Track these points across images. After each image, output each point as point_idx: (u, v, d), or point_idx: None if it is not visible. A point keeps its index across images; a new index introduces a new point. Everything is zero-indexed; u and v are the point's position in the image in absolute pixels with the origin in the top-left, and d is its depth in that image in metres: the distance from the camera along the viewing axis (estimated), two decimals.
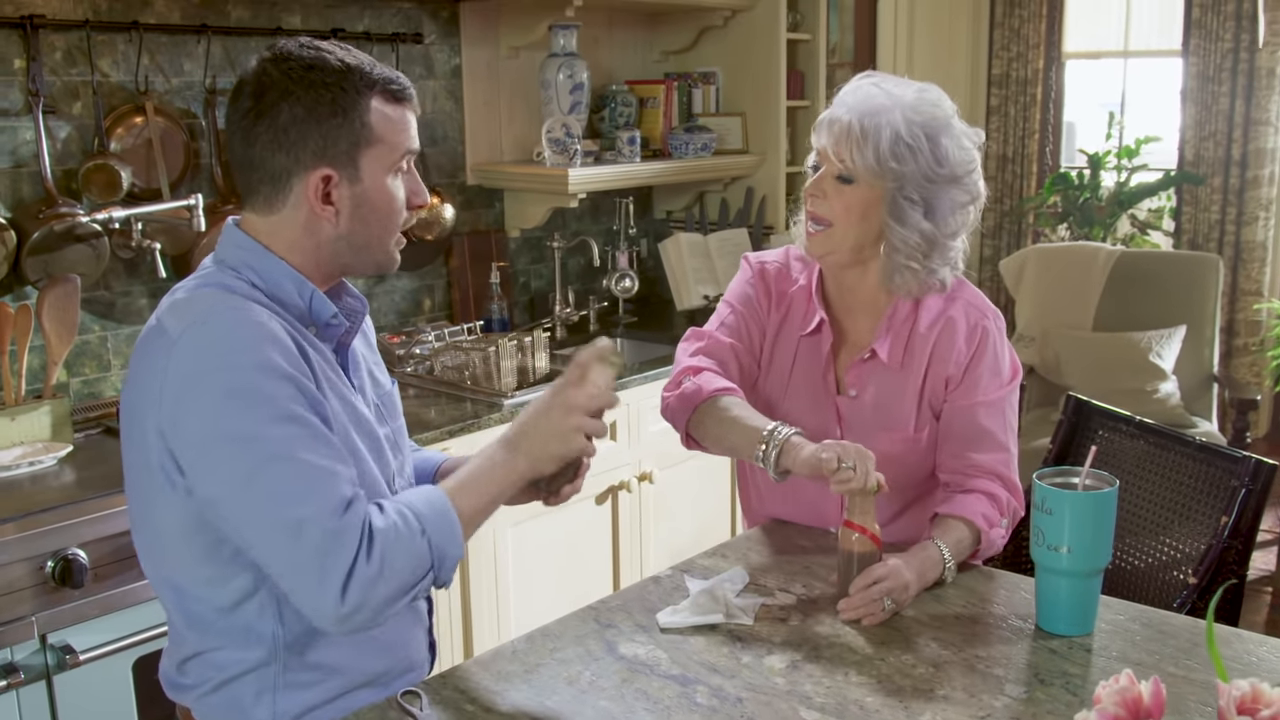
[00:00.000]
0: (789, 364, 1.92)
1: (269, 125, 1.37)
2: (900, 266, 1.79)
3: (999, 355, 1.86)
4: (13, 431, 2.43)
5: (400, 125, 1.42)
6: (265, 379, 1.29)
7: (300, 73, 1.37)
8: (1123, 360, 4.01)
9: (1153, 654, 1.48)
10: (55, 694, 2.11)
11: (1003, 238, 5.33)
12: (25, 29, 2.52)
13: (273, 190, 1.40)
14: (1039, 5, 5.13)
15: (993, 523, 1.77)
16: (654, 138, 3.82)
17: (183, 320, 1.32)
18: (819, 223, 1.80)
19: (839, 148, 1.75)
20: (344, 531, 1.28)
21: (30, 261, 2.52)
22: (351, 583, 1.27)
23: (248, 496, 1.28)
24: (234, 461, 1.28)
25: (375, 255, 1.46)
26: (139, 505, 1.42)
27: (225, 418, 1.28)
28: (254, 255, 1.41)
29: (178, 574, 1.40)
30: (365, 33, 3.14)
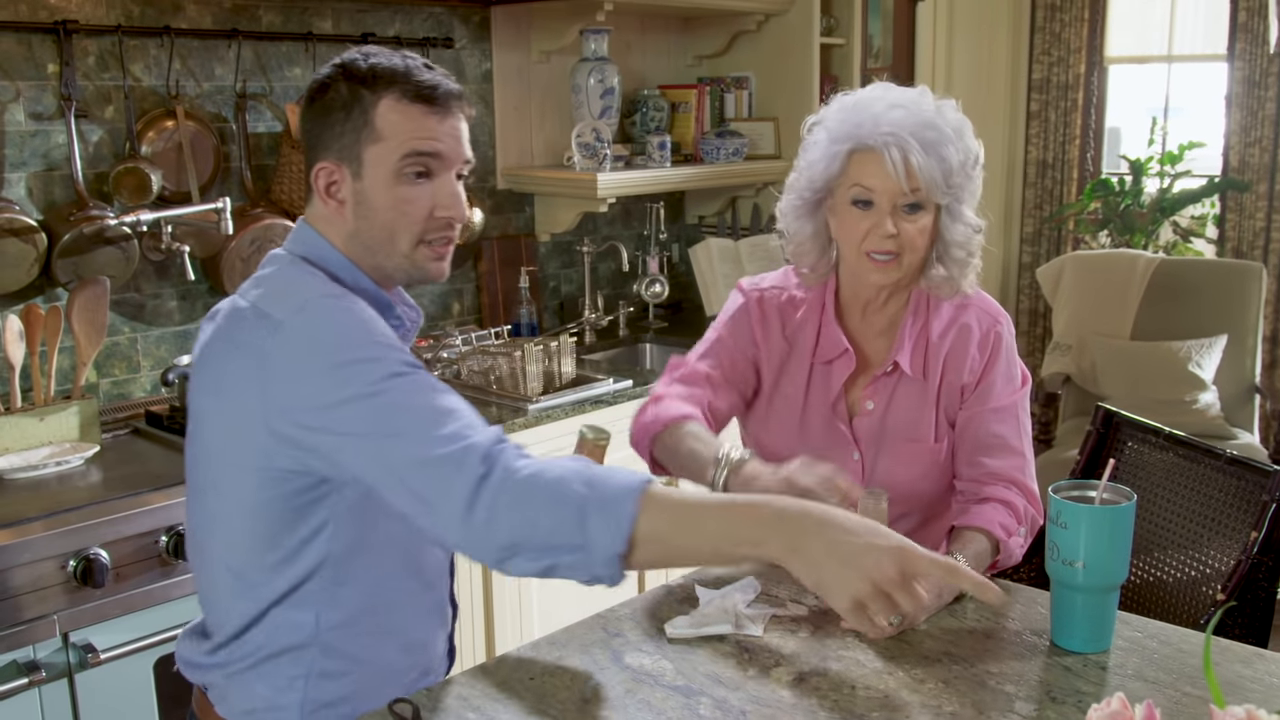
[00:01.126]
0: (801, 394, 1.88)
1: (306, 119, 1.45)
2: (962, 264, 1.79)
3: (1011, 360, 1.85)
4: (41, 431, 2.46)
5: (412, 125, 1.40)
6: (374, 347, 1.31)
7: (331, 71, 1.42)
8: (1161, 370, 3.94)
9: (1170, 672, 1.45)
10: (77, 692, 2.14)
11: (1041, 244, 5.25)
12: (59, 34, 2.55)
13: (307, 182, 1.46)
14: (1081, 9, 5.06)
15: (1010, 532, 1.75)
16: (685, 143, 3.81)
17: (286, 305, 1.34)
18: (886, 254, 1.74)
19: (910, 176, 1.69)
20: (474, 444, 1.24)
21: (61, 263, 2.55)
22: (484, 487, 1.22)
23: (375, 442, 1.27)
24: (356, 417, 1.27)
25: (394, 260, 1.44)
26: (205, 489, 1.42)
27: (342, 383, 1.28)
28: (321, 248, 1.45)
29: (237, 559, 1.41)
30: (396, 37, 3.16)
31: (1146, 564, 2.23)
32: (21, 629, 2.06)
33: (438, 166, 1.42)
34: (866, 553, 1.20)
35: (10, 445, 2.42)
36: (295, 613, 1.40)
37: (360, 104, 1.39)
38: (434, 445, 1.25)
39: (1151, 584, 2.21)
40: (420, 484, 1.25)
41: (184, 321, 2.86)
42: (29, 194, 2.58)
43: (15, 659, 2.06)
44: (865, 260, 1.76)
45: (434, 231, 1.44)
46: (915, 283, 1.84)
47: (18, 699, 2.06)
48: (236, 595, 1.42)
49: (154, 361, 2.82)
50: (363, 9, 3.09)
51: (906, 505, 1.86)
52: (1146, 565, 2.23)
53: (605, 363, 3.54)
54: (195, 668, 1.48)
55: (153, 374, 2.82)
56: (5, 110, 2.53)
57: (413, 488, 1.26)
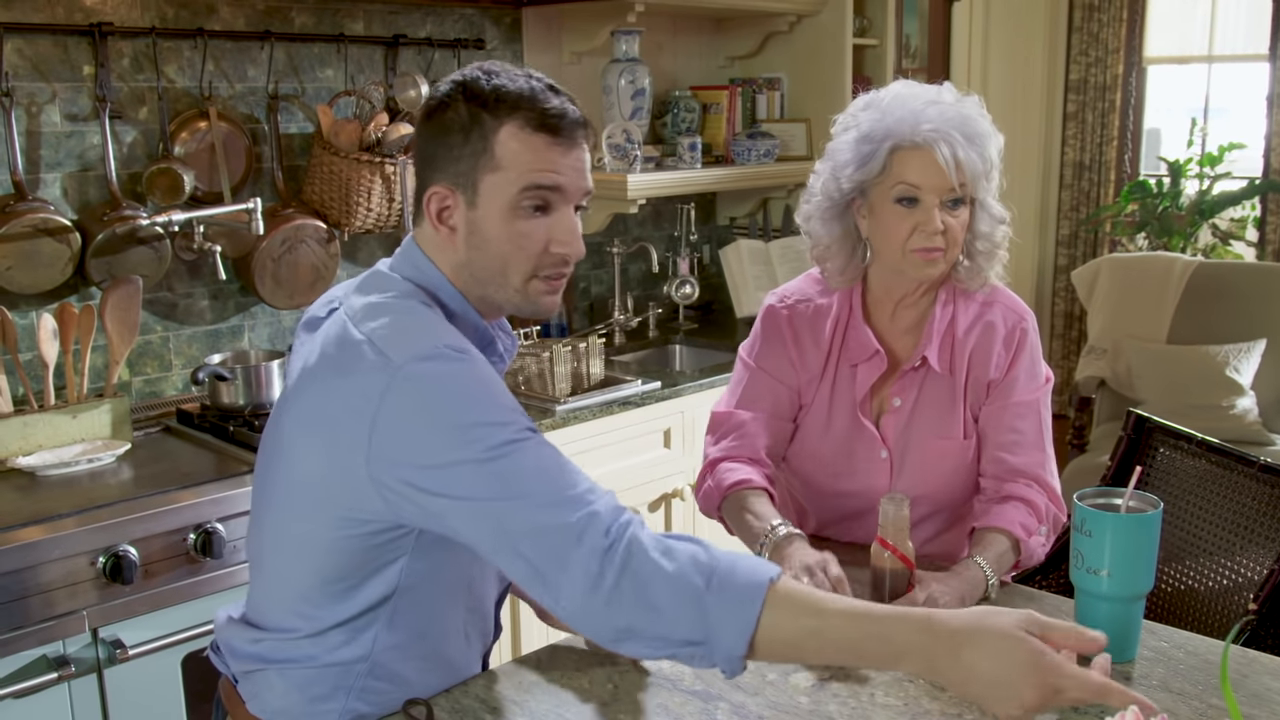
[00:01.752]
0: (828, 396, 1.87)
1: (422, 137, 1.38)
2: (991, 256, 1.79)
3: (1035, 357, 1.84)
4: (74, 429, 2.49)
5: (534, 156, 1.32)
6: (498, 410, 1.25)
7: (452, 89, 1.35)
8: (1198, 374, 3.89)
9: (1196, 684, 1.43)
10: (106, 687, 2.16)
11: (1078, 247, 5.20)
12: (94, 36, 2.58)
13: (416, 202, 1.40)
14: (1119, 9, 5.01)
15: (1031, 531, 1.73)
16: (717, 144, 3.80)
17: (408, 350, 1.26)
18: (935, 252, 1.73)
19: (960, 171, 1.69)
20: (598, 517, 1.20)
21: (94, 263, 2.58)
22: (609, 564, 1.18)
23: (499, 500, 1.22)
24: (471, 482, 1.22)
25: (506, 292, 1.37)
26: (283, 508, 1.37)
27: (461, 445, 1.22)
28: (429, 273, 1.38)
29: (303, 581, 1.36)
30: (428, 39, 3.17)
31: (1178, 572, 2.20)
32: (52, 624, 2.08)
33: (557, 200, 1.34)
34: (1005, 686, 1.15)
35: (43, 442, 2.45)
36: (353, 634, 1.37)
37: (480, 129, 1.32)
38: (555, 513, 1.20)
39: (1183, 593, 2.18)
40: (538, 554, 1.20)
41: (215, 321, 2.89)
42: (64, 194, 2.62)
43: (45, 654, 2.08)
44: (911, 258, 1.74)
45: (548, 267, 1.36)
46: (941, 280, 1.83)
47: (48, 693, 2.08)
48: (293, 612, 1.38)
49: (185, 360, 2.85)
50: (395, 10, 3.10)
51: (935, 504, 1.86)
52: (1178, 574, 2.20)
53: (635, 364, 3.53)
54: (235, 655, 1.44)
55: (184, 373, 2.84)
56: (41, 111, 2.56)
57: (530, 558, 1.20)
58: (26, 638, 2.05)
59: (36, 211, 2.50)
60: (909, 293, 1.83)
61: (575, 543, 1.19)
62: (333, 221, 2.94)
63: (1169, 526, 2.22)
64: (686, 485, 3.14)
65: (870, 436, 1.84)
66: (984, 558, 1.68)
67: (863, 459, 1.85)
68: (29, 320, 2.56)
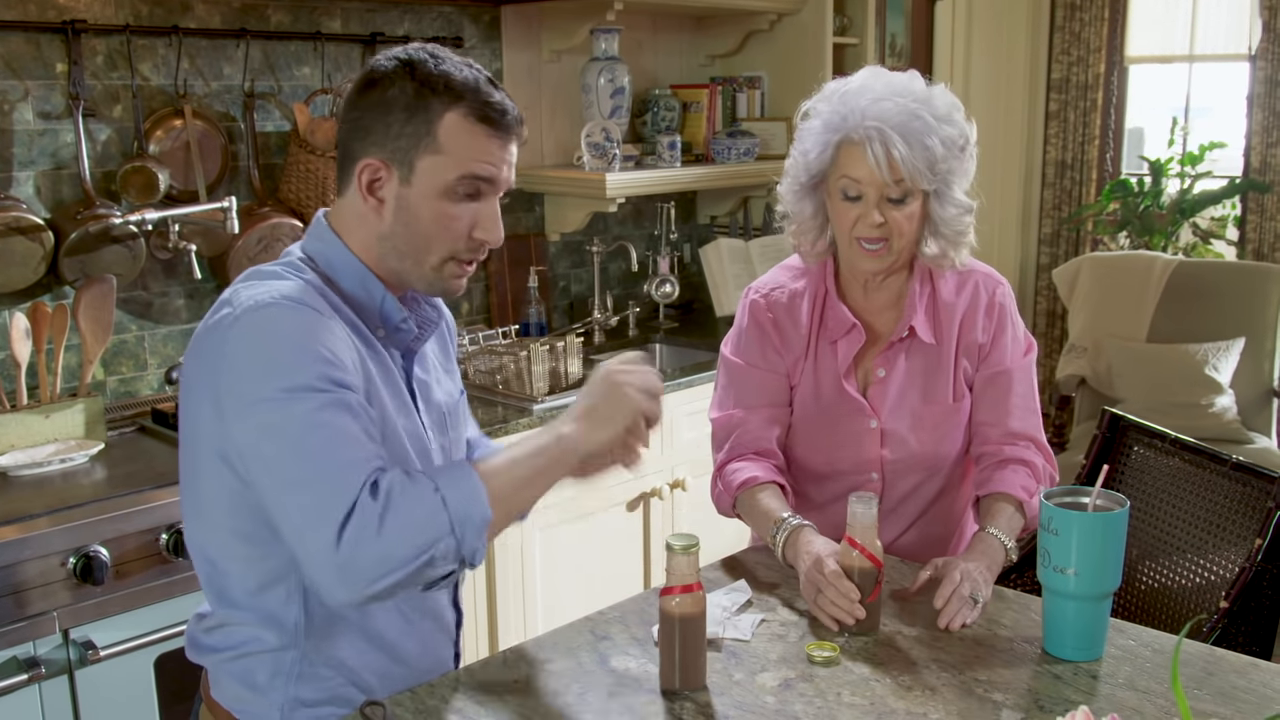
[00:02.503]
0: (813, 373, 1.90)
1: (356, 108, 1.40)
2: (955, 243, 1.81)
3: (1016, 323, 1.90)
4: (47, 428, 2.47)
5: (474, 147, 1.37)
6: (312, 358, 1.29)
7: (395, 66, 1.38)
8: (1177, 373, 3.90)
9: (1162, 682, 1.43)
10: (77, 689, 2.14)
11: (1060, 246, 5.21)
12: (67, 33, 2.56)
13: (342, 170, 1.43)
14: (1101, 9, 5.01)
15: (1032, 492, 1.78)
16: (697, 142, 3.79)
17: (250, 299, 1.33)
18: (875, 242, 1.76)
19: (893, 169, 1.70)
20: (349, 473, 1.25)
21: (68, 262, 2.56)
22: (350, 523, 1.23)
23: (267, 454, 1.27)
24: (259, 420, 1.27)
25: (421, 270, 1.42)
26: (189, 475, 1.42)
27: (262, 380, 1.28)
28: (331, 248, 1.43)
29: (213, 548, 1.42)
30: (405, 36, 3.15)
31: (1151, 570, 2.21)
32: (22, 625, 2.06)
33: (487, 190, 1.40)
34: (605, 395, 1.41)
35: (16, 442, 2.43)
36: (274, 612, 1.40)
37: (426, 111, 1.35)
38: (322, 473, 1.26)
39: (1156, 590, 2.19)
40: (295, 510, 1.26)
41: (190, 320, 2.87)
42: (37, 192, 2.60)
43: (15, 655, 2.07)
44: (856, 247, 1.78)
45: (467, 251, 1.42)
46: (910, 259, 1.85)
47: (18, 695, 2.07)
48: (210, 583, 1.43)
49: (160, 359, 2.83)
50: (372, 9, 3.09)
51: (929, 469, 1.88)
52: (1151, 571, 2.21)
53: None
54: (195, 647, 1.48)
55: (159, 372, 2.83)
56: (14, 109, 2.55)
57: (290, 510, 1.27)
58: None
59: (9, 210, 2.48)
60: (869, 279, 1.86)
61: (320, 502, 1.24)
62: (309, 220, 2.92)
63: (1143, 524, 2.23)
64: (665, 484, 3.13)
65: (858, 407, 1.87)
66: (996, 527, 1.73)
67: (853, 431, 1.87)
68: (1, 320, 2.54)
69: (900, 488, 1.88)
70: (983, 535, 1.72)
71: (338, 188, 1.46)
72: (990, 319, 1.87)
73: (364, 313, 1.43)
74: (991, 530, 1.72)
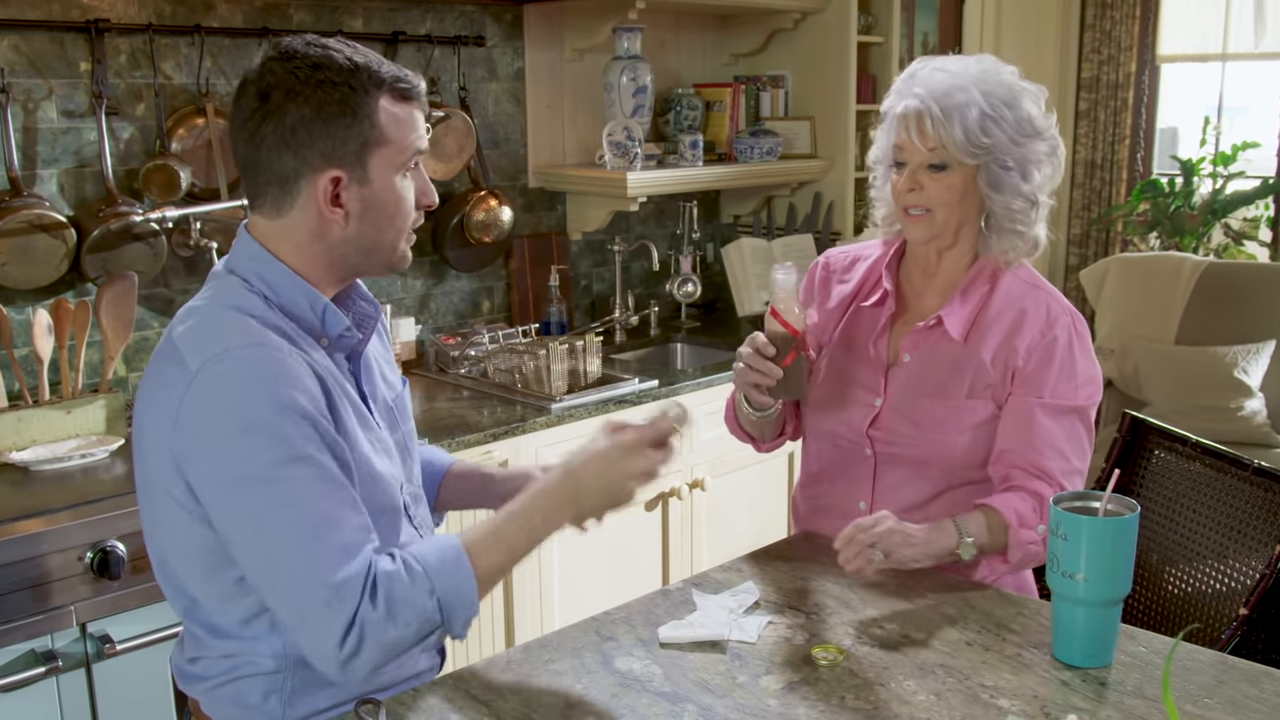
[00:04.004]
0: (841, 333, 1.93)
1: (275, 126, 1.34)
2: (1006, 232, 1.81)
3: (1075, 359, 1.80)
4: (68, 424, 2.50)
5: (409, 125, 1.41)
6: (281, 418, 1.28)
7: (307, 72, 1.33)
8: (1206, 375, 3.85)
9: (1171, 690, 1.40)
10: (94, 682, 2.17)
11: (1089, 246, 5.15)
12: (91, 33, 2.59)
13: (280, 193, 1.38)
14: (1132, 6, 4.96)
15: (1025, 522, 1.70)
16: (720, 141, 3.78)
17: (202, 353, 1.30)
18: (916, 208, 1.80)
19: (924, 136, 1.76)
20: (349, 581, 1.29)
21: (90, 259, 2.59)
22: (353, 630, 1.28)
23: (257, 539, 1.29)
24: (245, 502, 1.28)
25: (385, 255, 1.45)
26: (150, 519, 1.42)
27: (240, 458, 1.27)
28: (265, 265, 1.39)
29: (190, 586, 1.41)
30: (427, 35, 3.16)
31: (1171, 576, 2.18)
32: (41, 618, 2.09)
33: (420, 159, 1.45)
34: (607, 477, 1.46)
35: (38, 437, 2.46)
36: (259, 642, 1.40)
37: (364, 108, 1.35)
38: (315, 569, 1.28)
39: (1176, 596, 2.16)
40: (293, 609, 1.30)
41: None
42: (60, 190, 2.63)
43: (34, 648, 2.09)
44: (902, 214, 1.83)
45: (418, 221, 1.47)
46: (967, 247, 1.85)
47: (36, 688, 2.09)
48: (192, 617, 1.43)
49: None
50: (393, 7, 3.10)
51: (919, 464, 1.83)
52: (1171, 577, 2.18)
53: (635, 362, 3.52)
54: (184, 677, 1.49)
55: None
56: (38, 108, 2.57)
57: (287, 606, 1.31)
58: (14, 632, 2.06)
59: (32, 208, 2.51)
60: (927, 259, 1.88)
61: (323, 607, 1.28)
62: None
63: (1163, 529, 2.20)
64: (684, 484, 3.13)
65: (872, 384, 1.87)
66: (961, 519, 1.71)
67: (853, 403, 1.88)
68: (24, 316, 2.57)
69: (891, 476, 1.85)
70: (942, 520, 1.71)
71: (268, 209, 1.40)
72: (1039, 344, 1.79)
73: (306, 325, 1.41)
74: (955, 519, 1.70)
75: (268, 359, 1.30)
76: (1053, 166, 1.81)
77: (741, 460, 3.22)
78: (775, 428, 1.97)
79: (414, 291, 3.31)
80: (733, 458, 3.25)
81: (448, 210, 3.28)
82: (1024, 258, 1.86)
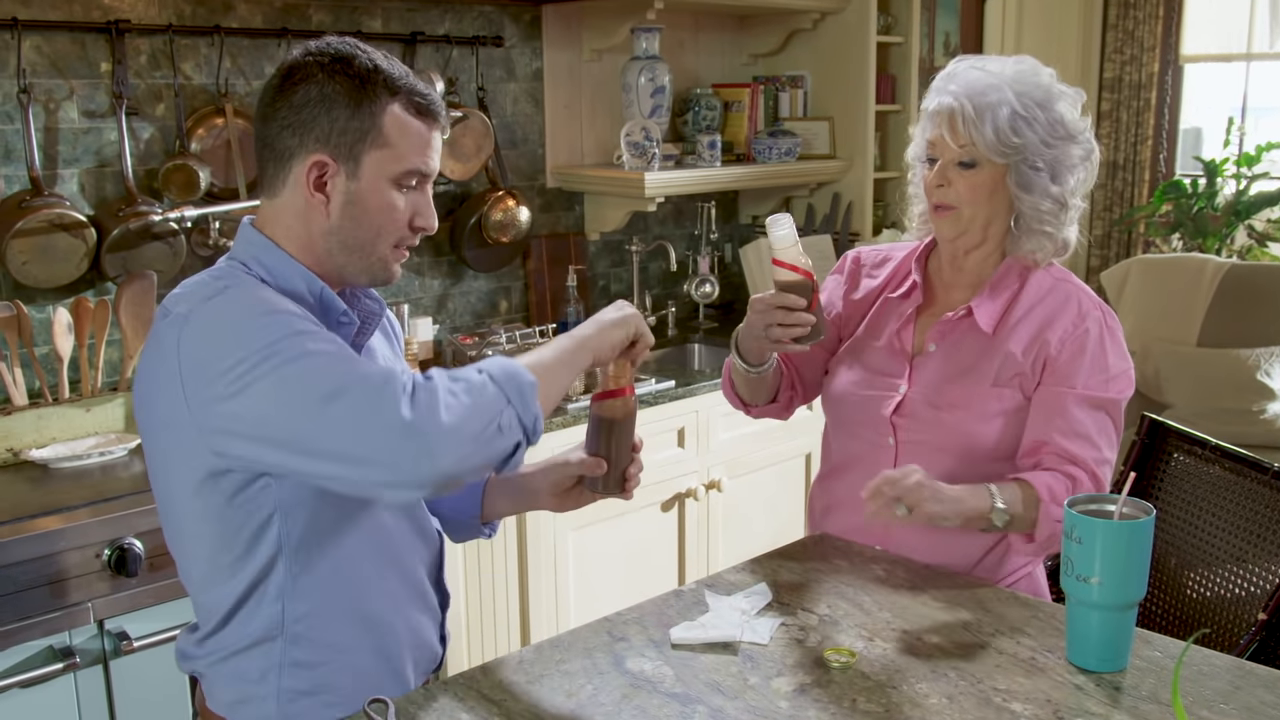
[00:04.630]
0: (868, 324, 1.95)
1: (286, 105, 1.38)
2: (1034, 233, 1.81)
3: (1106, 352, 1.80)
4: (87, 422, 2.52)
5: (417, 140, 1.41)
6: (281, 312, 1.31)
7: (328, 61, 1.38)
8: (1228, 378, 3.82)
9: (1186, 695, 1.39)
10: (111, 679, 2.18)
11: (1111, 247, 5.12)
12: (111, 33, 2.61)
13: (276, 170, 1.41)
14: (1155, 6, 4.92)
15: (1057, 499, 1.68)
16: (738, 142, 3.78)
17: (191, 301, 1.33)
18: (946, 207, 1.81)
19: (955, 134, 1.77)
20: (392, 376, 1.26)
21: (109, 258, 2.60)
22: (416, 396, 1.24)
23: (285, 397, 1.25)
24: (263, 375, 1.25)
25: (367, 261, 1.44)
26: (161, 495, 1.43)
27: (247, 342, 1.26)
28: (264, 251, 1.42)
29: (200, 562, 1.42)
30: (446, 36, 3.17)
31: (1189, 580, 2.16)
32: (58, 615, 2.11)
33: (424, 181, 1.44)
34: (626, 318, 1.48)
35: (57, 435, 2.48)
36: (261, 607, 1.41)
37: (371, 105, 1.37)
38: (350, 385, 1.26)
39: (1194, 601, 2.14)
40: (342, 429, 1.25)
41: None
42: (80, 190, 2.64)
43: (52, 644, 2.11)
44: (933, 212, 1.84)
45: (409, 238, 1.45)
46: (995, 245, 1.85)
47: (54, 684, 2.11)
48: (204, 593, 1.44)
49: None
50: (412, 8, 3.11)
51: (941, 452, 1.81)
52: (1188, 582, 2.16)
53: (652, 363, 3.52)
54: (185, 658, 1.50)
55: None
56: (59, 108, 2.59)
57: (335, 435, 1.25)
58: (33, 628, 2.08)
59: (53, 207, 2.53)
60: (955, 255, 1.89)
61: (376, 395, 1.24)
62: None
63: (1182, 533, 2.18)
64: (700, 485, 3.12)
65: (897, 372, 1.87)
66: (998, 486, 1.70)
67: (877, 391, 1.88)
68: (45, 314, 2.59)
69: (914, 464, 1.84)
70: (979, 484, 1.71)
71: (265, 189, 1.44)
72: (1071, 336, 1.79)
73: (303, 307, 1.41)
74: (992, 486, 1.70)
75: (258, 290, 1.34)
76: (1086, 171, 1.82)
77: (758, 461, 3.22)
78: (769, 390, 1.97)
79: (431, 291, 3.32)
80: (750, 459, 3.24)
81: (465, 210, 3.29)
82: (1053, 258, 1.87)
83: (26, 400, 2.48)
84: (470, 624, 2.73)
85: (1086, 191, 1.85)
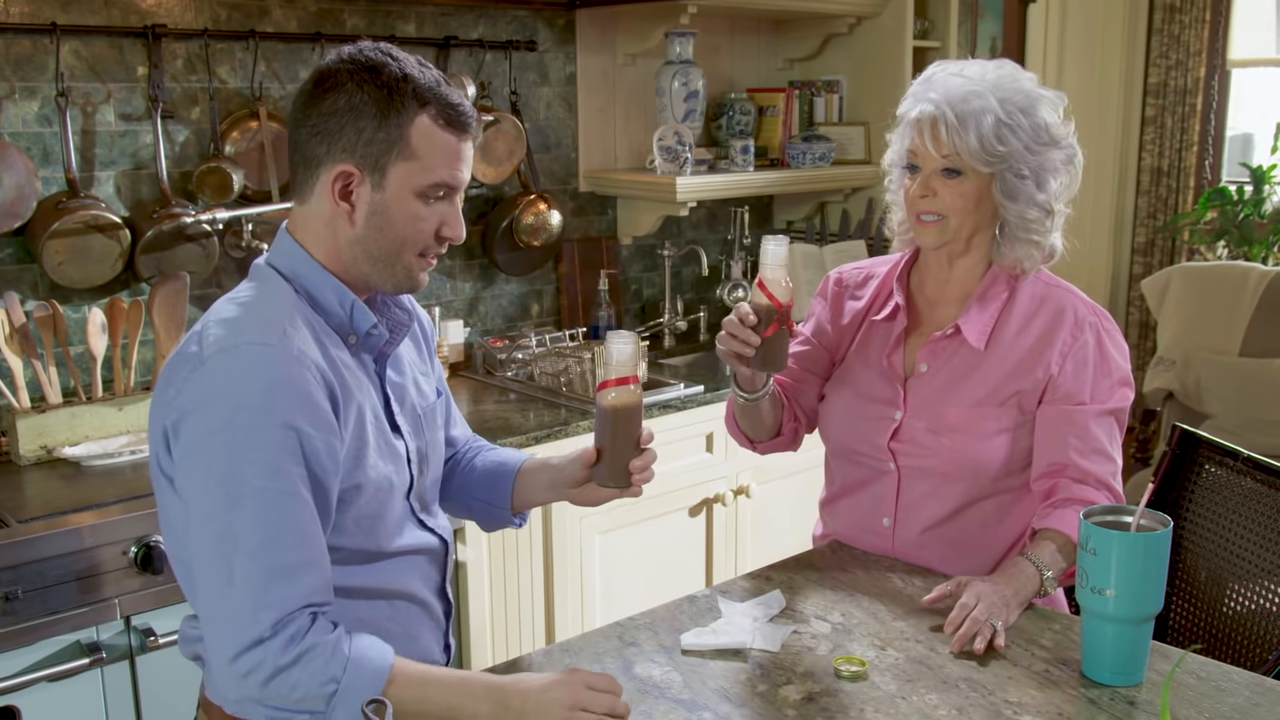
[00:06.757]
0: (857, 349, 1.92)
1: (316, 112, 1.39)
2: (1021, 241, 1.78)
3: (1107, 359, 1.79)
4: (120, 421, 2.55)
5: (445, 151, 1.39)
6: (267, 423, 1.29)
7: (360, 70, 1.37)
8: (1271, 389, 3.75)
9: (1203, 711, 1.37)
10: (137, 674, 2.21)
11: (1154, 255, 5.05)
12: (148, 38, 2.64)
13: (305, 177, 1.42)
14: (1202, 10, 4.84)
15: None
16: (773, 146, 3.76)
17: (219, 342, 1.32)
18: (929, 214, 1.78)
19: (938, 142, 1.73)
20: (275, 605, 1.27)
21: (144, 259, 2.64)
22: (251, 654, 1.26)
23: (206, 526, 1.29)
24: (204, 491, 1.29)
25: (392, 270, 1.43)
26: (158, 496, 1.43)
27: (214, 447, 1.28)
28: (299, 261, 1.43)
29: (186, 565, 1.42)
30: (479, 40, 3.19)
31: (1218, 594, 2.12)
32: (86, 610, 2.13)
33: (452, 193, 1.43)
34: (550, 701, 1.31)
35: (90, 433, 2.51)
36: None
37: (398, 116, 1.36)
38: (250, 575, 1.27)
39: (1225, 615, 2.10)
40: (211, 601, 1.29)
41: None
42: (116, 192, 2.68)
43: (79, 639, 2.13)
44: (914, 219, 1.80)
45: (435, 248, 1.44)
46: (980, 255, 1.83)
47: (81, 678, 2.13)
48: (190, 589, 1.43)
49: None
50: (446, 12, 3.13)
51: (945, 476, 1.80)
52: (1218, 595, 2.12)
53: (684, 367, 3.52)
54: (187, 641, 1.51)
55: None
56: (96, 111, 2.63)
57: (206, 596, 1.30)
58: (61, 623, 2.10)
59: (89, 208, 2.57)
60: (939, 266, 1.86)
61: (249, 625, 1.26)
62: None
63: (1213, 546, 2.14)
64: (729, 490, 3.11)
65: (889, 395, 1.85)
66: (1035, 554, 1.67)
67: (875, 417, 1.86)
68: (80, 314, 2.63)
69: (915, 491, 1.82)
70: (1018, 560, 1.67)
71: (296, 194, 1.44)
72: (1071, 350, 1.77)
73: (335, 321, 1.43)
74: (1029, 556, 1.66)
75: (274, 359, 1.31)
76: (1069, 175, 1.78)
77: (787, 468, 3.20)
78: (769, 425, 1.93)
79: (463, 294, 3.34)
80: (778, 465, 3.22)
81: (497, 214, 3.30)
82: (1039, 266, 1.84)
83: (60, 398, 2.52)
84: (495, 624, 2.74)
85: (1071, 196, 1.81)
